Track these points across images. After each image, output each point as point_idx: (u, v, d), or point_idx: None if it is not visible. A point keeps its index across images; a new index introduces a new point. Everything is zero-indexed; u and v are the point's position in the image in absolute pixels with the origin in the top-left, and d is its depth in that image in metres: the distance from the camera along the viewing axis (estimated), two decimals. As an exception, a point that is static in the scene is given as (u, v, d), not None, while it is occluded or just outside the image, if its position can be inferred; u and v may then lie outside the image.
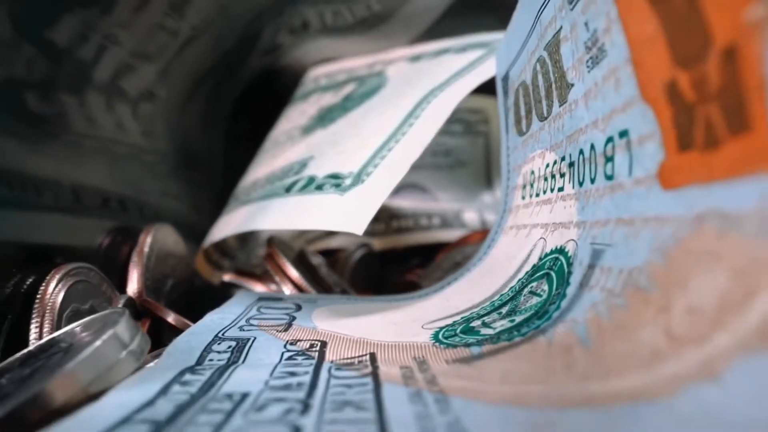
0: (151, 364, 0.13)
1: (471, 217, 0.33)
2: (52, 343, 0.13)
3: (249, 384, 0.10)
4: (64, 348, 0.12)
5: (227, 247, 0.30)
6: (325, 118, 0.27)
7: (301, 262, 0.25)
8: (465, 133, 0.38)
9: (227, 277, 0.25)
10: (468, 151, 0.38)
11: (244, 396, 0.10)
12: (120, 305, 0.19)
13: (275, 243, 0.23)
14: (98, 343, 0.11)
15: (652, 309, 0.09)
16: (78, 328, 0.13)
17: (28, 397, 0.10)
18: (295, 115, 0.31)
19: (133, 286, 0.21)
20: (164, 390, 0.10)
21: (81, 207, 0.26)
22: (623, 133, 0.11)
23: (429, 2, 0.31)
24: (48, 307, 0.16)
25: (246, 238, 0.32)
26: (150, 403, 0.10)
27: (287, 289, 0.22)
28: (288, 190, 0.22)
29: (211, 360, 0.12)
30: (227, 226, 0.25)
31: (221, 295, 0.26)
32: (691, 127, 0.09)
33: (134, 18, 0.27)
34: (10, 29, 0.23)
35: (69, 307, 0.17)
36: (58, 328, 0.16)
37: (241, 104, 0.37)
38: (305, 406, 0.09)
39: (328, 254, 0.31)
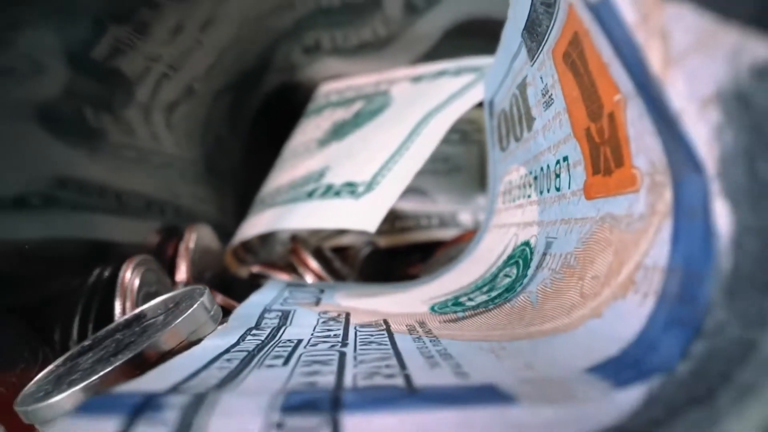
0: (221, 327, 0.17)
1: (466, 218, 0.38)
2: (145, 312, 0.18)
3: (300, 335, 0.15)
4: (159, 314, 0.17)
5: (250, 244, 0.35)
6: (339, 132, 0.32)
7: (319, 256, 0.30)
8: (461, 141, 0.43)
9: (256, 269, 0.29)
10: (464, 158, 0.43)
11: (300, 340, 0.14)
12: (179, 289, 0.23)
13: (298, 240, 0.28)
14: (194, 307, 0.16)
15: (575, 279, 0.14)
16: (163, 302, 0.18)
17: (148, 344, 0.15)
18: (311, 129, 0.36)
19: (181, 275, 0.26)
20: (242, 338, 0.15)
21: (129, 209, 0.31)
22: (565, 158, 0.16)
23: (428, 29, 0.36)
24: (128, 290, 0.21)
25: (266, 237, 0.37)
26: (236, 344, 0.14)
27: (309, 278, 0.27)
28: (310, 195, 0.27)
29: (266, 323, 0.17)
30: (256, 225, 0.29)
31: (249, 285, 0.31)
32: (598, 159, 0.13)
33: (172, 39, 0.32)
34: (64, 54, 0.28)
35: (143, 290, 0.21)
36: (137, 305, 0.21)
37: (259, 116, 0.42)
38: (344, 344, 0.14)
39: (339, 251, 0.36)
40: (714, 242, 0.09)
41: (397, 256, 0.37)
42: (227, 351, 0.13)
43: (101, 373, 0.14)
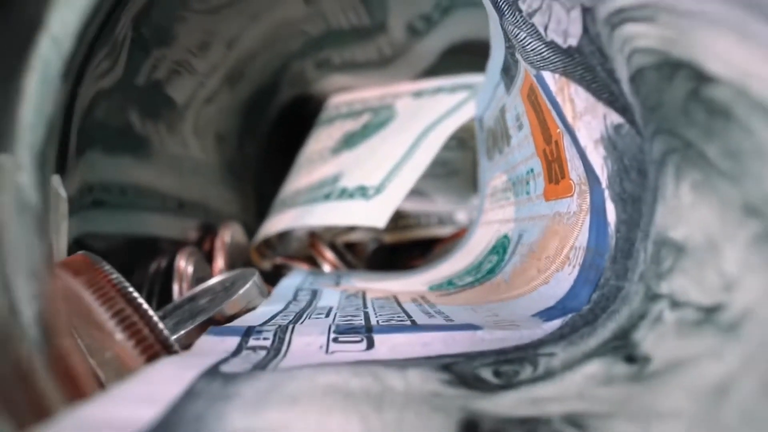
0: (266, 300, 0.22)
1: (462, 216, 0.43)
2: (206, 289, 0.23)
3: (330, 304, 0.20)
4: (219, 290, 0.22)
5: (270, 240, 0.40)
6: (350, 142, 0.37)
7: (333, 249, 0.35)
8: (458, 147, 0.48)
9: (279, 261, 0.35)
10: (460, 162, 0.48)
11: (331, 307, 0.20)
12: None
13: (316, 236, 0.33)
14: (249, 284, 0.21)
15: (535, 260, 0.19)
16: (220, 282, 0.23)
17: (217, 310, 0.20)
18: (323, 138, 0.41)
19: (219, 265, 0.31)
20: (286, 306, 0.20)
21: (170, 209, 0.36)
22: (532, 170, 0.21)
23: (427, 49, 0.41)
24: (184, 275, 0.26)
25: (284, 234, 0.42)
26: (284, 309, 0.20)
27: (326, 268, 0.32)
28: (327, 197, 0.32)
29: (300, 297, 0.22)
30: (279, 223, 0.35)
31: (272, 275, 0.36)
32: (551, 172, 0.19)
33: (200, 56, 0.37)
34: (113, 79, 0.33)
35: (195, 275, 0.27)
36: (192, 287, 0.26)
37: (276, 124, 0.47)
38: (365, 308, 0.19)
39: (349, 246, 0.41)
40: (608, 229, 0.14)
41: (400, 251, 0.42)
42: (281, 312, 0.19)
43: (185, 330, 0.19)
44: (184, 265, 0.26)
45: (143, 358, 0.11)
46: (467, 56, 0.42)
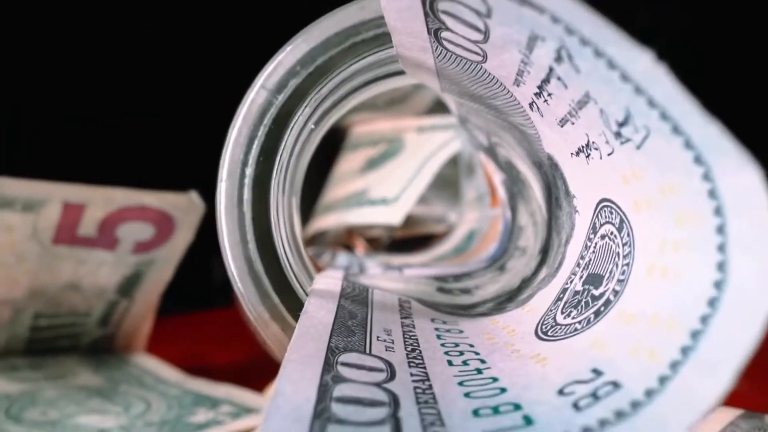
0: (335, 263, 0.42)
1: (453, 217, 0.63)
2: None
3: (374, 268, 0.40)
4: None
5: (313, 236, 0.60)
6: (372, 165, 0.56)
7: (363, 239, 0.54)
8: (451, 165, 0.67)
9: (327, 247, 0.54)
10: (453, 176, 0.67)
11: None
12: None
13: (351, 230, 0.53)
14: (326, 253, 0.40)
15: (484, 240, 0.38)
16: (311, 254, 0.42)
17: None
18: (350, 160, 0.60)
19: (288, 250, 0.51)
20: (348, 267, 0.40)
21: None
22: (486, 190, 0.40)
23: (427, 95, 0.60)
24: (276, 253, 0.45)
25: (323, 232, 0.61)
26: (350, 274, 0.39)
27: (359, 252, 0.52)
28: (358, 204, 0.51)
29: (353, 265, 0.42)
30: (324, 222, 0.54)
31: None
32: (492, 192, 0.38)
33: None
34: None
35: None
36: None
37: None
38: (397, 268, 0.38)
39: (370, 240, 0.60)
40: (506, 224, 0.33)
41: (407, 243, 0.62)
42: (348, 268, 0.38)
43: (298, 278, 0.38)
44: (275, 248, 0.46)
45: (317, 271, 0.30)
46: (456, 100, 0.61)
